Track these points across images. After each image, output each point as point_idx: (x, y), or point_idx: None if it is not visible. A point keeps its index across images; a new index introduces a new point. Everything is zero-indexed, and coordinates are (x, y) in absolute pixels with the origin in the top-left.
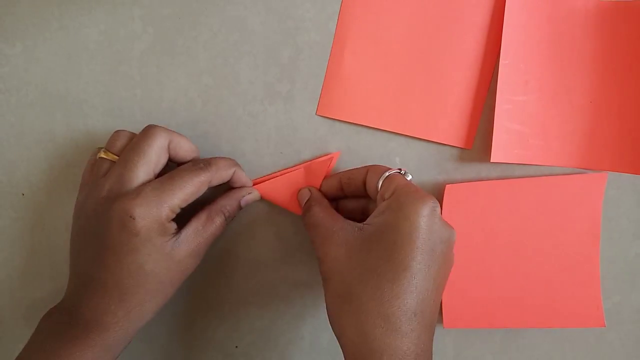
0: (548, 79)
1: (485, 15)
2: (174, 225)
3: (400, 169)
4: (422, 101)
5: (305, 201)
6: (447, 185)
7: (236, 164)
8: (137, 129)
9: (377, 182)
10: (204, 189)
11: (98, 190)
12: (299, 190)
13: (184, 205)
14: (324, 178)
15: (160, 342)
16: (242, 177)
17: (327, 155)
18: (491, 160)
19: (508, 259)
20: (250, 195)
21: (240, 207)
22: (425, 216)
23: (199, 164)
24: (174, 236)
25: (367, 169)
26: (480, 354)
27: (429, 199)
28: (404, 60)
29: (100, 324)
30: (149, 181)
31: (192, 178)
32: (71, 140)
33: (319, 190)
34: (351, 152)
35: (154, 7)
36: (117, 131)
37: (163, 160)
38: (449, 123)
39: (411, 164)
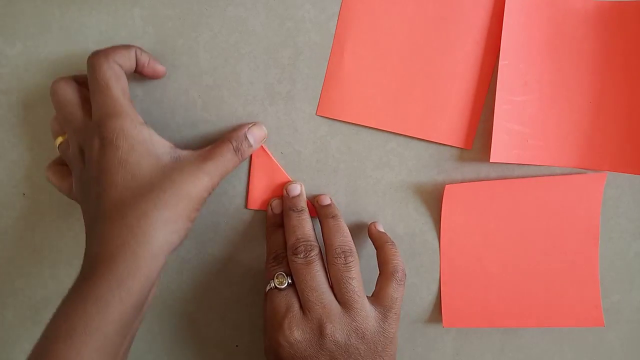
0: (547, 79)
1: (485, 16)
2: (164, 141)
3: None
4: (421, 101)
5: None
6: (446, 186)
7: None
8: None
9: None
10: (132, 57)
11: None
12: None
13: (126, 93)
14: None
15: (161, 341)
16: (147, 58)
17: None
18: (491, 161)
19: (507, 258)
20: (255, 126)
21: (248, 142)
22: None
23: None
24: (170, 149)
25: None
26: (479, 353)
27: None
28: (404, 60)
29: (106, 252)
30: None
31: (107, 54)
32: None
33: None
34: (351, 152)
35: (154, 8)
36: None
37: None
38: (449, 123)
39: (410, 164)
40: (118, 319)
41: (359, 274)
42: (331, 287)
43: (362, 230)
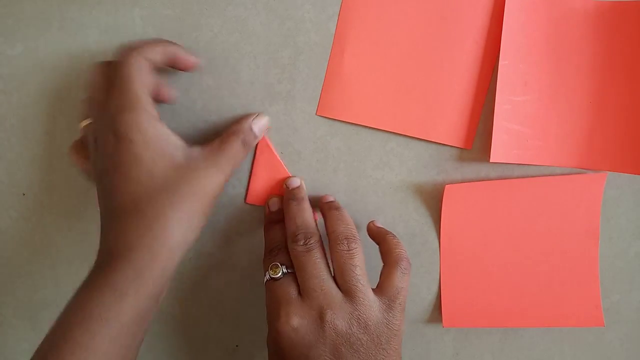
0: (547, 79)
1: (485, 16)
2: (177, 139)
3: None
4: (421, 101)
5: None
6: (446, 186)
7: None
8: None
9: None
10: (164, 52)
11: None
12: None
13: (149, 89)
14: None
15: (161, 341)
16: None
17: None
18: (490, 161)
19: (507, 258)
20: (258, 117)
21: (254, 133)
22: None
23: None
24: (182, 148)
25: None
26: (479, 353)
27: None
28: (404, 60)
29: (124, 245)
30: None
31: (136, 48)
32: (72, 141)
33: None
34: (351, 152)
35: (154, 8)
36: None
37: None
38: (449, 123)
39: (410, 164)
40: (134, 309)
41: (363, 262)
42: (333, 277)
43: (361, 230)
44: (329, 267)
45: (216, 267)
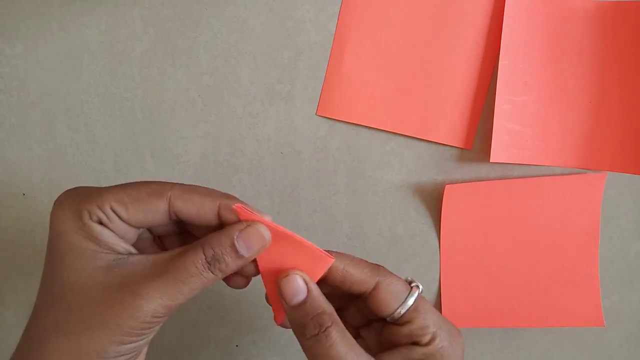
0: (547, 79)
1: (485, 16)
2: (120, 244)
3: (414, 283)
4: (421, 101)
5: (302, 304)
6: (446, 186)
7: (221, 195)
8: (137, 129)
9: (397, 310)
10: (160, 206)
11: None
12: (286, 276)
13: (121, 210)
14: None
15: (160, 341)
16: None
17: (323, 255)
18: (490, 160)
19: (507, 258)
20: (251, 229)
21: (236, 252)
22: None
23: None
24: (117, 254)
25: (376, 282)
26: (479, 353)
27: (461, 337)
28: (404, 60)
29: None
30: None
31: (147, 184)
32: (72, 141)
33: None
34: (351, 152)
35: (154, 8)
36: None
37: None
38: (449, 123)
39: (410, 164)
40: None
41: None
42: None
43: (362, 230)
44: None
45: None
